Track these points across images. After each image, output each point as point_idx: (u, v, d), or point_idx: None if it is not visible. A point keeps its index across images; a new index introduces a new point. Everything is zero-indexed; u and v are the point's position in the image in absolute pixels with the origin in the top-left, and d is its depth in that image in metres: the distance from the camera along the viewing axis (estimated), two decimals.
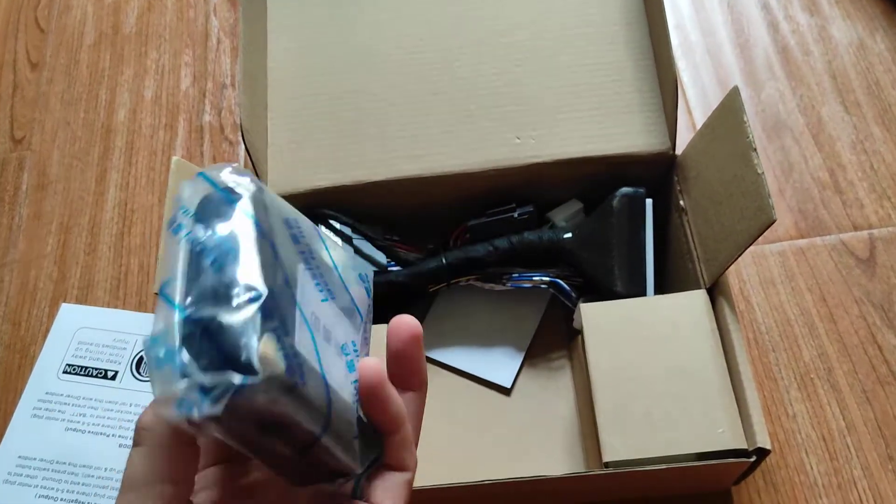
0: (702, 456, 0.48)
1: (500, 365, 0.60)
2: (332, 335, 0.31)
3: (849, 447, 0.56)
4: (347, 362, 0.31)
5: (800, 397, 0.58)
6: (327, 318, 0.31)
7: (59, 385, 0.61)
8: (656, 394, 0.49)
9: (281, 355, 0.25)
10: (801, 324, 0.61)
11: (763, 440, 0.46)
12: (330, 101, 0.62)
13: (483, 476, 0.49)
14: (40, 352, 0.63)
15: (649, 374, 0.50)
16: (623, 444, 0.48)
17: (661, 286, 0.58)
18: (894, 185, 0.66)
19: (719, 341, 0.51)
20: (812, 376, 0.59)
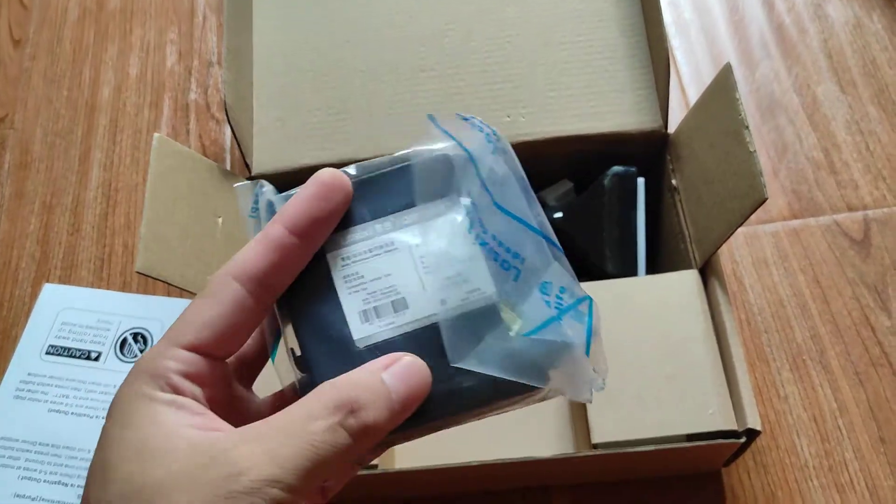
0: (692, 437, 0.47)
1: None
2: None
3: (840, 429, 0.56)
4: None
5: (792, 379, 0.58)
6: None
7: (42, 366, 0.61)
8: (646, 375, 0.49)
9: None
10: (794, 305, 0.60)
11: (753, 421, 0.46)
12: (316, 78, 0.60)
13: (471, 458, 0.48)
14: (22, 332, 0.62)
15: (639, 355, 0.49)
16: (612, 425, 0.48)
17: (653, 266, 0.58)
18: (889, 166, 0.65)
19: (711, 322, 0.50)
20: (804, 358, 0.58)
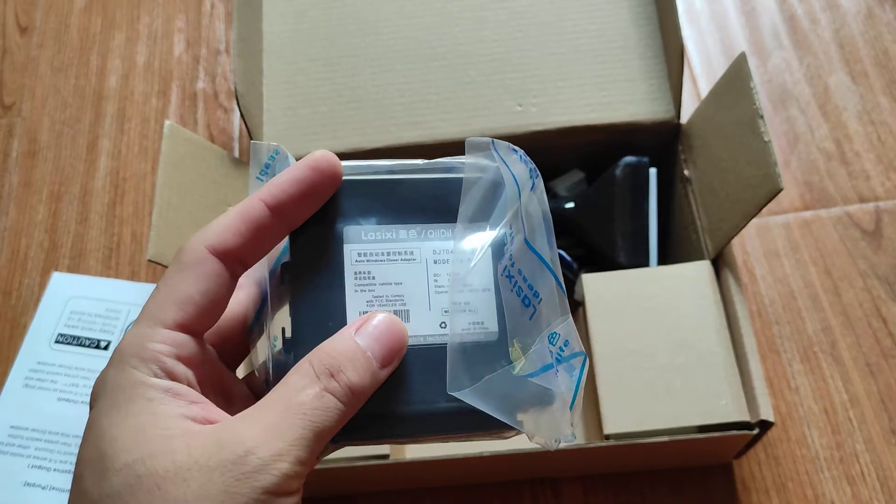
0: (704, 428, 0.47)
1: None
2: None
3: (851, 421, 0.55)
4: None
5: (803, 370, 0.57)
6: None
7: (52, 355, 0.61)
8: (658, 366, 0.49)
9: None
10: (805, 296, 0.60)
11: (766, 413, 0.46)
12: (326, 67, 0.60)
13: (481, 449, 0.48)
14: (32, 321, 0.62)
15: (651, 346, 0.49)
16: (625, 416, 0.48)
17: (665, 257, 0.57)
18: None
19: (723, 313, 0.50)
20: (815, 349, 0.58)
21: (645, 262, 0.55)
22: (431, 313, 0.28)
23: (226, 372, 0.29)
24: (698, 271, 0.51)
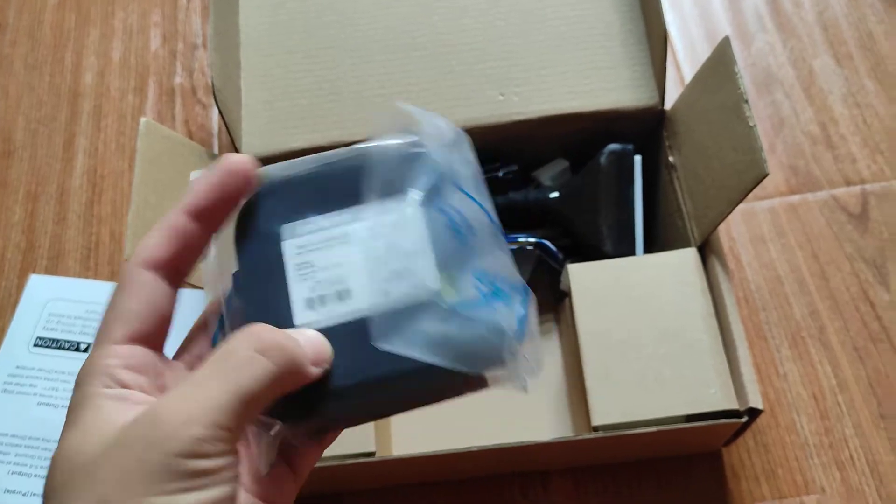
0: (692, 417, 0.47)
1: None
2: None
3: (840, 406, 0.55)
4: None
5: (791, 356, 0.57)
6: None
7: (31, 358, 0.59)
8: (646, 355, 0.48)
9: None
10: (792, 281, 0.60)
11: (755, 400, 0.45)
12: (305, 59, 0.59)
13: (469, 442, 0.47)
14: (9, 325, 0.61)
15: (639, 335, 0.49)
16: (612, 407, 0.47)
17: (651, 244, 0.57)
18: (887, 139, 0.64)
19: (710, 300, 0.50)
20: (803, 335, 0.58)
21: (631, 251, 0.54)
22: (373, 286, 0.28)
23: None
24: (685, 259, 0.51)
